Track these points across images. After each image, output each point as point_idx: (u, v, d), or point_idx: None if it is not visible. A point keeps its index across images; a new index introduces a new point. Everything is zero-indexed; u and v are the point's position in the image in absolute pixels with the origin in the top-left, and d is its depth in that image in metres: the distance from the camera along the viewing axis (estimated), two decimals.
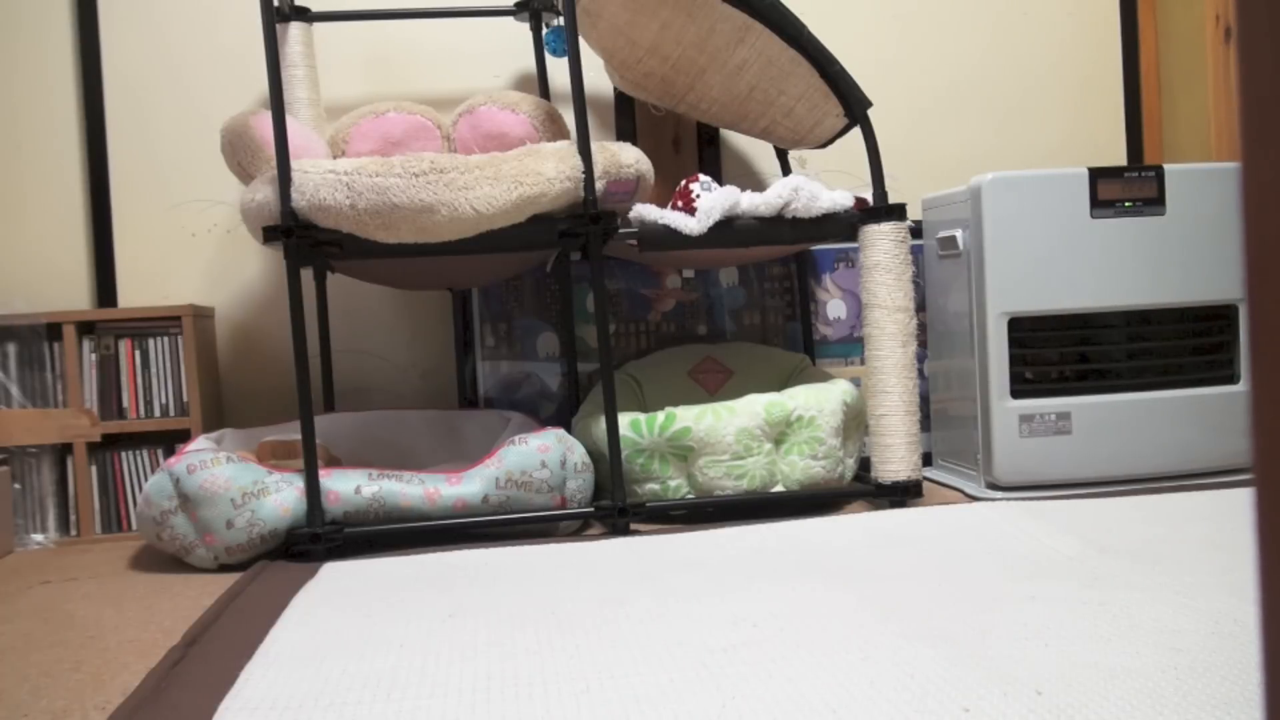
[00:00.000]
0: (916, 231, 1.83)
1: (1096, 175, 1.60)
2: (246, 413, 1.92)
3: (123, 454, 1.69)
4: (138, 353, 1.69)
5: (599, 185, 1.49)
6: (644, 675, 0.85)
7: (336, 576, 1.26)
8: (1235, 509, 1.38)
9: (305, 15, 1.84)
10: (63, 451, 1.67)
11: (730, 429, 1.51)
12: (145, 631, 1.11)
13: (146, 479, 1.65)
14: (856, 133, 1.63)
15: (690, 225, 1.53)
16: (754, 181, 2.06)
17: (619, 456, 1.48)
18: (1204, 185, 1.62)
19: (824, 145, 1.73)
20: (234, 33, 1.93)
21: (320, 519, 1.37)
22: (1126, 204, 1.60)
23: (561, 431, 1.52)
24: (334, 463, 1.59)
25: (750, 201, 1.56)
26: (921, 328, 1.78)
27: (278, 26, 1.76)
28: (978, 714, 0.73)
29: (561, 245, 1.51)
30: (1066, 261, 1.59)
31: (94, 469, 1.67)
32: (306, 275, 1.86)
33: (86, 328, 1.69)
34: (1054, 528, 1.31)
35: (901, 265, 1.55)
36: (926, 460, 1.85)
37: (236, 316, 1.94)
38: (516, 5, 1.92)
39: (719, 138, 2.00)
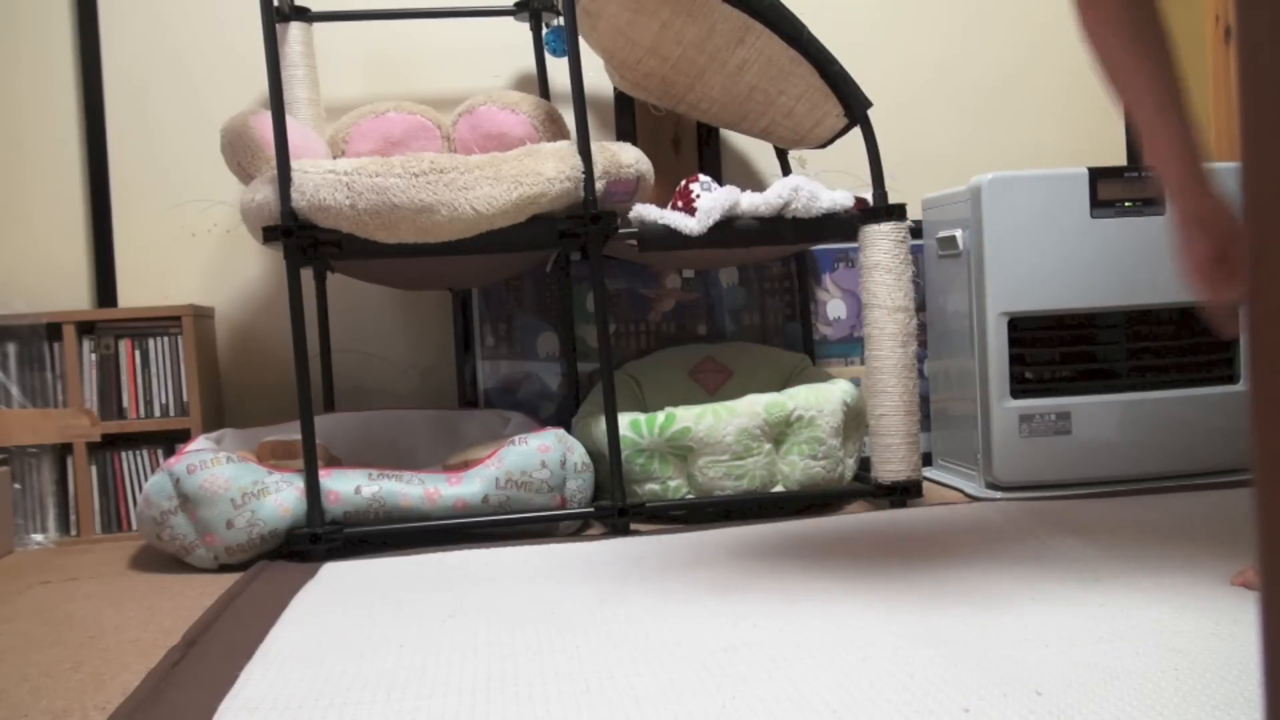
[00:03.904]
0: (916, 231, 1.83)
1: (1096, 175, 1.60)
2: (246, 413, 1.92)
3: (123, 454, 1.69)
4: (138, 353, 1.69)
5: (599, 185, 1.49)
6: (644, 675, 0.85)
7: (336, 576, 1.26)
8: (1235, 509, 1.38)
9: (305, 15, 1.84)
10: (63, 451, 1.67)
11: (730, 429, 1.51)
12: (145, 631, 1.11)
13: (146, 479, 1.65)
14: (856, 133, 1.63)
15: (690, 225, 1.53)
16: (754, 181, 2.06)
17: (619, 456, 1.48)
18: None
19: (824, 145, 1.73)
20: (234, 33, 1.93)
21: (320, 519, 1.37)
22: (1126, 204, 1.60)
23: (561, 431, 1.52)
24: (334, 463, 1.59)
25: (750, 201, 1.56)
26: (921, 328, 1.78)
27: (278, 26, 1.76)
28: (978, 714, 0.73)
29: (561, 245, 1.51)
30: (1066, 261, 1.59)
31: (94, 469, 1.67)
32: (306, 275, 1.86)
33: (86, 328, 1.69)
34: (1054, 528, 1.31)
35: (901, 265, 1.55)
36: (926, 460, 1.85)
37: (236, 316, 1.94)
38: (516, 5, 1.92)
39: (719, 138, 2.00)
